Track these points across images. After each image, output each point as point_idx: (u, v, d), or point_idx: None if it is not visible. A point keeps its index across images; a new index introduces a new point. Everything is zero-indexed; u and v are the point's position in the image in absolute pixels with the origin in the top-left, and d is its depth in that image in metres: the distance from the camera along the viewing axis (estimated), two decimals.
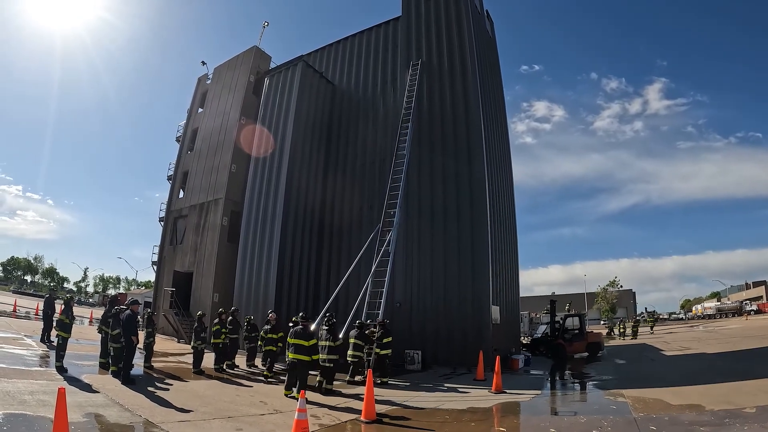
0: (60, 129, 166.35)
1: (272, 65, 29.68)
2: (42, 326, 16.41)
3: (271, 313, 15.77)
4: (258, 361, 16.18)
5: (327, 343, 12.16)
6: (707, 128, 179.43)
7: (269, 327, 14.83)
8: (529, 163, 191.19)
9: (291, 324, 12.42)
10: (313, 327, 12.84)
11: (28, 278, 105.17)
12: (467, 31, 21.25)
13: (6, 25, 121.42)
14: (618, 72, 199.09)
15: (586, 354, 22.39)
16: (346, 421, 8.74)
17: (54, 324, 14.11)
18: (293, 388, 10.93)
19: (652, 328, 41.96)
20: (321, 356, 12.03)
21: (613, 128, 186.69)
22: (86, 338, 18.76)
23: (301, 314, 12.21)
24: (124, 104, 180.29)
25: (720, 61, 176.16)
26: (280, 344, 14.65)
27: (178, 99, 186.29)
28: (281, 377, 13.06)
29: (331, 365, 12.00)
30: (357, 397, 10.74)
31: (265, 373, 13.90)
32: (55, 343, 12.75)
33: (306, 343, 11.10)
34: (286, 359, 12.61)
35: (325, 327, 12.44)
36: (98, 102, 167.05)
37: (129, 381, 10.72)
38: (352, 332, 14.09)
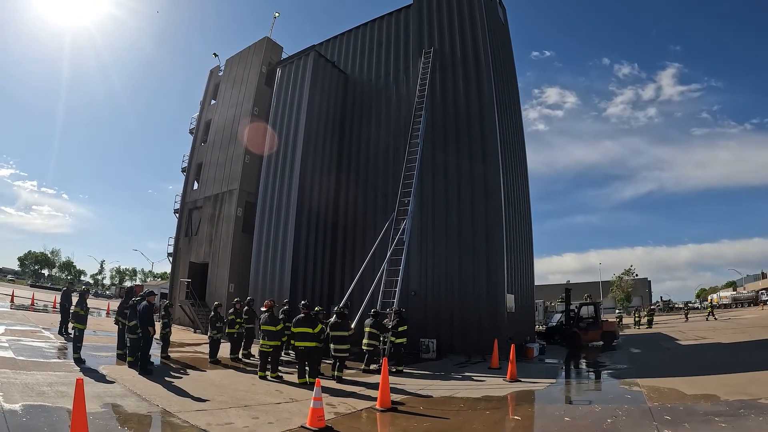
0: (72, 124, 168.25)
1: (284, 56, 29.61)
2: (59, 319, 16.69)
3: (268, 300, 13.75)
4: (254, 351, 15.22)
5: (339, 332, 12.21)
6: (722, 114, 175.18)
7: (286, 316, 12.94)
8: (542, 151, 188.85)
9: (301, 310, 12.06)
10: (332, 318, 12.87)
11: (45, 272, 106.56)
12: (479, 19, 21.03)
13: (16, 22, 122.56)
14: (630, 57, 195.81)
15: (601, 343, 22.26)
16: (361, 410, 8.79)
17: (70, 316, 14.31)
18: (306, 376, 11.04)
19: (650, 322, 35.04)
20: (332, 346, 12.10)
21: (626, 115, 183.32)
22: (103, 330, 19.06)
23: (302, 302, 12.17)
24: (133, 98, 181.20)
25: (734, 46, 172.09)
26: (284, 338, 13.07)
27: (190, 91, 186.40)
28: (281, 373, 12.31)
29: (343, 354, 12.11)
30: (372, 385, 10.76)
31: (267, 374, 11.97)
32: (72, 335, 12.94)
33: (311, 330, 11.12)
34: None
35: (338, 318, 12.45)
36: (108, 96, 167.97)
37: (146, 371, 10.89)
38: (367, 321, 14.14)
